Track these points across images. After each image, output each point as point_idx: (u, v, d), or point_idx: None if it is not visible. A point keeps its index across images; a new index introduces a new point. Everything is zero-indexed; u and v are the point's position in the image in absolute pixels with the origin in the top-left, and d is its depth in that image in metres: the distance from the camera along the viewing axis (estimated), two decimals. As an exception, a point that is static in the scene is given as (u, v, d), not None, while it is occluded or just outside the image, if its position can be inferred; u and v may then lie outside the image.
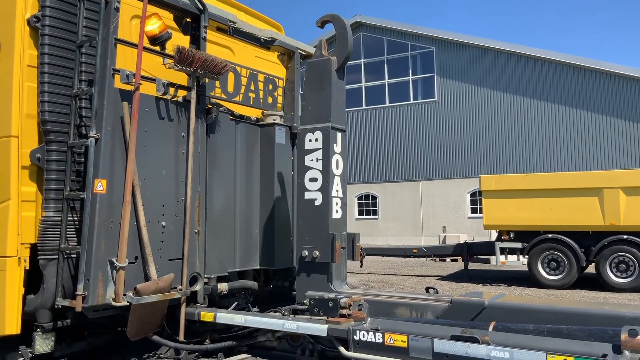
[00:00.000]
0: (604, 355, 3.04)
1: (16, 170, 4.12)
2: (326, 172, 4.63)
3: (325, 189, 4.62)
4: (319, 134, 4.67)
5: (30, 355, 4.21)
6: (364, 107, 29.52)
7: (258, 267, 5.42)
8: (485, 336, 3.42)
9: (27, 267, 4.11)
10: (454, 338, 3.47)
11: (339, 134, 4.76)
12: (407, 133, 28.23)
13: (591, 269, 13.61)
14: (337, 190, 4.69)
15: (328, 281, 4.54)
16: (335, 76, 4.77)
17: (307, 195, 4.69)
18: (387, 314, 4.19)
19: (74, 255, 4.12)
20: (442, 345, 3.46)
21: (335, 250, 4.48)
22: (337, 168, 4.72)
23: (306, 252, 4.61)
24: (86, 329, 4.66)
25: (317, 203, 4.64)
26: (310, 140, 4.71)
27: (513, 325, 3.62)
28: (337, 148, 4.73)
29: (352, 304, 4.09)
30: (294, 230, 5.30)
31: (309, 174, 4.70)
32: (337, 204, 4.68)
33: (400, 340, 3.60)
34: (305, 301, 4.39)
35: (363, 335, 3.75)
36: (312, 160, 4.69)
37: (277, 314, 4.46)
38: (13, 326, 4.03)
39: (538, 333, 3.50)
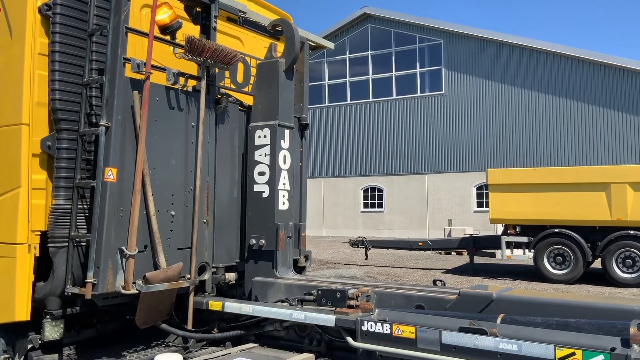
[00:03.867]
0: (613, 349, 3.03)
1: (27, 158, 4.13)
2: (273, 166, 4.89)
3: (272, 182, 4.89)
4: (267, 131, 4.94)
5: (39, 341, 4.24)
6: (371, 99, 29.48)
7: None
8: (493, 328, 3.41)
9: (37, 255, 4.13)
10: (462, 330, 3.47)
11: (286, 131, 5.02)
12: (414, 126, 28.17)
13: (597, 264, 13.59)
14: (284, 184, 4.97)
15: (273, 268, 4.80)
16: (284, 77, 5.04)
17: (256, 188, 4.97)
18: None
19: (84, 243, 4.14)
20: (450, 337, 3.46)
21: (279, 239, 4.78)
22: (285, 163, 4.99)
23: (253, 241, 4.89)
24: (95, 316, 4.69)
25: (264, 195, 4.92)
26: (259, 137, 4.97)
27: (521, 318, 3.61)
28: (285, 144, 4.99)
29: (360, 295, 4.10)
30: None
31: (257, 168, 4.97)
32: (283, 196, 4.97)
33: (408, 332, 3.61)
34: (312, 292, 4.41)
35: (371, 326, 3.76)
36: (260, 155, 4.96)
37: (285, 304, 4.47)
38: (23, 313, 4.07)
39: (546, 326, 3.49)
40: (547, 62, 24.98)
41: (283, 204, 4.95)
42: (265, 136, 4.94)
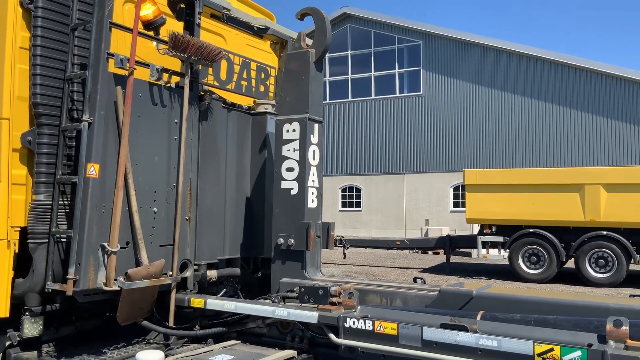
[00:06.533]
0: (590, 345, 3.11)
1: (7, 152, 4.07)
2: (302, 162, 4.74)
3: (302, 179, 4.74)
4: (296, 125, 4.77)
5: (18, 338, 4.18)
6: (350, 99, 29.55)
7: (247, 255, 5.44)
8: (473, 325, 3.47)
9: (17, 251, 4.08)
10: (443, 326, 3.52)
11: (316, 125, 4.87)
12: (392, 126, 28.32)
13: (571, 263, 13.84)
14: (313, 180, 4.81)
15: (302, 268, 4.69)
16: (314, 68, 4.87)
17: (284, 185, 4.81)
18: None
19: (64, 239, 4.10)
20: (432, 333, 3.51)
21: (310, 238, 4.63)
22: (314, 158, 4.84)
23: (281, 240, 4.74)
24: (74, 313, 4.64)
25: (293, 192, 4.76)
26: (287, 131, 4.81)
27: (501, 315, 3.69)
28: (314, 139, 4.84)
29: (342, 292, 4.13)
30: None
31: (285, 164, 4.82)
32: (312, 193, 4.81)
33: (390, 328, 3.64)
34: (295, 289, 4.42)
35: (353, 322, 3.79)
36: (289, 150, 4.80)
37: (267, 301, 4.48)
38: (2, 309, 4.00)
39: (525, 323, 3.58)
40: (524, 64, 25.33)
41: (312, 201, 4.80)
42: (294, 130, 4.77)
